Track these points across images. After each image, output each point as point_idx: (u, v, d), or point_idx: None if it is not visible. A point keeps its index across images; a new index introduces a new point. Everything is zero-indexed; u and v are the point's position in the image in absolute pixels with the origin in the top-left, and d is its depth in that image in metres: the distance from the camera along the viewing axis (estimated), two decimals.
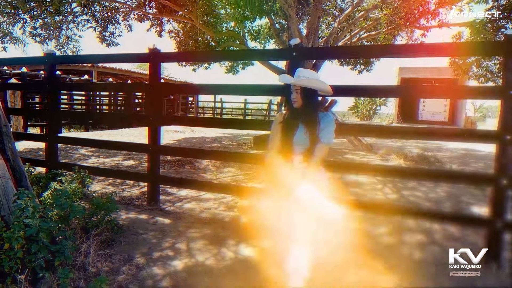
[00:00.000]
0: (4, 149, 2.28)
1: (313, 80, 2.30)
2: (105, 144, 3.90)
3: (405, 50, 2.72)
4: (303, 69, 2.39)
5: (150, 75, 3.51)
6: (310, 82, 2.28)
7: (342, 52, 3.14)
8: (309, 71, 2.36)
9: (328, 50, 3.36)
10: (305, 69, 2.41)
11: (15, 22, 7.03)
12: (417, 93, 2.53)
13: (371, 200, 3.79)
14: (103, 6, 7.67)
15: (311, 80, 2.29)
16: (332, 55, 3.28)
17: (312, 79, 2.31)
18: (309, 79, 2.30)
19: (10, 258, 1.68)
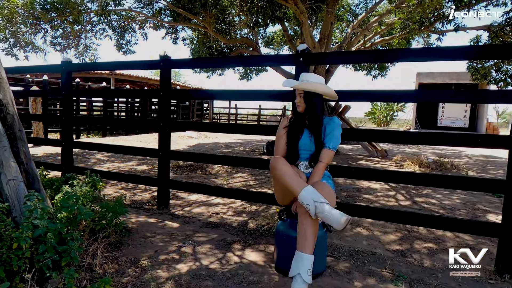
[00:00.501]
0: (18, 152, 2.38)
1: (315, 83, 2.30)
2: (117, 149, 3.99)
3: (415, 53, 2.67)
4: (307, 73, 2.40)
5: (160, 81, 3.59)
6: (312, 86, 2.28)
7: (351, 56, 3.12)
8: (313, 75, 2.37)
9: (336, 54, 3.35)
10: (310, 73, 2.42)
11: (36, 32, 7.34)
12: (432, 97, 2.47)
13: (379, 206, 3.72)
14: (120, 15, 7.91)
15: (313, 83, 2.30)
16: (341, 60, 3.26)
17: (314, 82, 2.31)
18: (311, 82, 2.31)
19: (19, 257, 1.74)
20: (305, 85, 2.30)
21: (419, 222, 2.61)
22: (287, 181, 2.05)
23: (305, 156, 2.36)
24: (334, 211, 1.90)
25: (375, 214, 2.75)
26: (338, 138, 2.33)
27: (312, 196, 1.94)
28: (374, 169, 2.79)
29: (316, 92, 2.29)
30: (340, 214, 1.88)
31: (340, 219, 1.85)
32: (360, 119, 39.35)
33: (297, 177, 2.06)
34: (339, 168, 2.83)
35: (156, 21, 8.51)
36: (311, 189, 1.98)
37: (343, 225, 1.85)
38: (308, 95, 2.32)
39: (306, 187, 1.99)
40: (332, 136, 2.30)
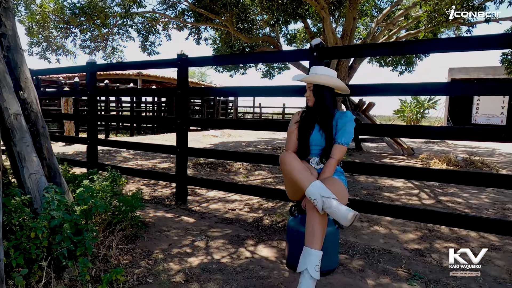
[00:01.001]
0: (41, 148, 2.51)
1: (322, 75, 2.25)
2: (138, 146, 4.12)
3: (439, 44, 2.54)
4: (317, 66, 2.36)
5: (178, 79, 3.66)
6: (319, 78, 2.24)
7: (368, 49, 3.01)
8: (323, 68, 2.32)
9: (351, 47, 3.25)
10: (320, 66, 2.37)
11: (67, 36, 7.70)
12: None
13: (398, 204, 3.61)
14: (144, 17, 8.14)
15: (320, 76, 2.25)
16: (357, 53, 3.17)
17: (321, 75, 2.26)
18: (318, 75, 2.27)
19: (37, 246, 1.84)
20: (313, 77, 2.27)
21: (439, 220, 2.49)
22: (295, 176, 2.03)
23: (316, 152, 2.32)
24: (342, 206, 1.86)
25: (391, 211, 2.66)
26: (350, 133, 2.27)
27: (320, 191, 1.91)
28: (388, 165, 2.69)
29: (325, 84, 2.25)
30: (347, 210, 1.83)
31: (347, 215, 1.81)
32: (389, 117, 38.28)
33: (306, 172, 2.04)
34: (354, 164, 2.76)
35: (179, 22, 8.68)
36: (319, 184, 1.95)
37: (350, 221, 1.81)
38: (316, 88, 2.28)
39: (314, 182, 1.96)
40: (344, 131, 2.25)
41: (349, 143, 2.29)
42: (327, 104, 2.26)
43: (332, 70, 2.37)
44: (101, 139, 4.49)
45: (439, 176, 2.51)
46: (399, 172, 2.63)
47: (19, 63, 2.57)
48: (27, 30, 7.14)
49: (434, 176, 2.52)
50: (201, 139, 12.00)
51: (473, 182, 2.37)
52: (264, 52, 2.92)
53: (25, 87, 2.54)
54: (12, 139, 2.23)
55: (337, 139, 2.24)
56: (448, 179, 2.46)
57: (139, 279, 2.05)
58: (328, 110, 2.26)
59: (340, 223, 1.87)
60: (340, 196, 2.08)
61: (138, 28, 8.39)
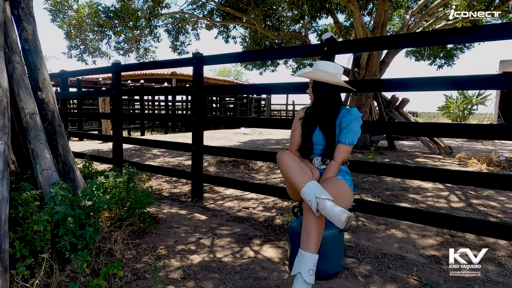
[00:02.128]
0: (57, 145, 2.65)
1: (317, 71, 2.15)
2: (156, 144, 4.24)
3: (470, 32, 2.29)
4: (320, 61, 2.26)
5: (193, 78, 3.70)
6: (314, 74, 2.15)
7: (386, 41, 2.80)
8: (326, 63, 2.22)
9: (365, 41, 3.07)
10: (323, 61, 2.27)
11: (102, 38, 8.10)
12: None
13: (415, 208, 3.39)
14: (174, 17, 8.34)
15: (314, 71, 2.16)
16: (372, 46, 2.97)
17: (318, 70, 2.16)
18: (313, 70, 2.17)
19: (41, 239, 1.94)
20: (308, 73, 2.18)
21: (458, 226, 2.28)
22: (291, 176, 1.96)
23: (319, 151, 2.23)
24: (336, 208, 1.77)
25: (404, 215, 2.49)
26: (356, 132, 2.15)
27: (314, 192, 1.83)
28: (403, 166, 2.52)
29: (321, 80, 2.15)
30: (341, 211, 1.74)
31: (341, 216, 1.72)
32: (433, 114, 36.34)
33: (302, 172, 1.96)
34: (363, 164, 2.62)
35: (207, 21, 8.80)
36: (314, 185, 1.86)
37: (343, 223, 1.72)
38: (315, 85, 2.19)
39: (309, 182, 1.88)
40: (348, 130, 2.14)
41: (354, 143, 2.17)
42: (326, 101, 2.16)
43: (338, 66, 2.26)
44: (125, 137, 4.66)
45: (459, 179, 2.30)
46: (409, 172, 2.45)
47: (38, 65, 2.72)
48: (65, 34, 7.62)
49: (454, 178, 2.31)
50: (231, 137, 12.13)
51: (505, 186, 2.14)
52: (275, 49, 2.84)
53: (43, 87, 2.69)
54: (27, 137, 2.37)
55: (340, 139, 2.14)
56: (469, 182, 2.25)
57: (138, 274, 2.10)
58: (327, 108, 2.16)
59: (335, 225, 1.78)
60: (339, 197, 1.98)
61: (168, 29, 8.62)
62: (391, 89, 2.64)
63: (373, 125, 2.88)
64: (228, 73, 47.51)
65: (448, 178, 2.31)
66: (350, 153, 2.21)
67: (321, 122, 2.16)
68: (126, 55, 8.85)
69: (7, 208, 1.87)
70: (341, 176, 2.16)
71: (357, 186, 4.57)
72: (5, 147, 1.94)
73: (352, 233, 2.92)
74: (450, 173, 2.32)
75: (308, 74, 2.23)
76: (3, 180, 1.88)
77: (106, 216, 2.61)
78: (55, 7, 6.72)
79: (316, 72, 2.18)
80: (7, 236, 1.83)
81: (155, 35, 8.27)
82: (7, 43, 2.52)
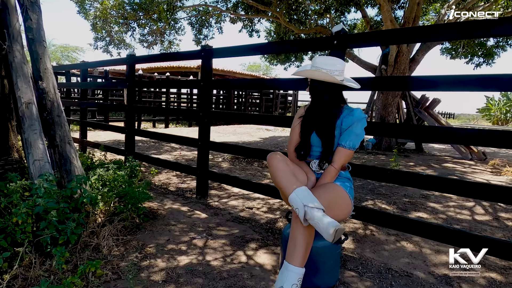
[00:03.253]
0: (54, 136, 2.63)
1: (310, 70, 1.97)
2: (163, 137, 4.18)
3: None
4: (320, 57, 2.05)
5: (201, 71, 3.59)
6: (307, 72, 1.96)
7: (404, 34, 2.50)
8: (324, 59, 2.00)
9: (379, 34, 2.79)
10: (323, 56, 2.06)
11: (127, 30, 8.20)
12: None
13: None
14: (197, 10, 8.29)
15: (306, 70, 1.97)
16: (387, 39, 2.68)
17: (309, 69, 1.97)
18: (308, 69, 1.97)
19: (22, 231, 1.90)
20: (301, 72, 2.01)
21: (474, 246, 2.02)
22: (279, 179, 1.79)
23: (317, 154, 2.04)
24: (326, 219, 1.58)
25: (414, 228, 2.24)
26: (358, 135, 1.94)
27: (302, 199, 1.65)
28: (414, 174, 2.27)
29: (313, 78, 1.96)
30: (330, 223, 1.55)
31: (329, 229, 1.54)
32: (472, 116, 34.44)
33: (292, 176, 1.79)
34: (367, 169, 2.40)
35: (230, 14, 8.68)
36: (303, 191, 1.69)
37: (331, 237, 1.53)
38: (312, 83, 2.00)
39: (299, 188, 1.70)
40: (350, 133, 1.93)
41: (356, 147, 1.96)
42: (323, 101, 1.96)
43: (339, 61, 2.03)
44: (137, 129, 4.65)
45: (480, 193, 2.02)
46: (420, 182, 2.20)
47: (41, 55, 2.71)
48: (91, 26, 7.79)
49: (473, 192, 2.03)
50: (254, 133, 12.02)
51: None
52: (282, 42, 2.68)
53: (44, 77, 2.67)
54: (22, 126, 2.36)
55: (340, 142, 1.94)
56: (491, 196, 1.98)
57: (119, 274, 2.02)
58: (322, 108, 1.96)
59: (324, 237, 1.59)
60: (334, 206, 1.80)
61: (191, 22, 8.59)
62: (419, 87, 2.30)
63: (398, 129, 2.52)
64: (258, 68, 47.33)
65: (466, 191, 2.04)
66: (351, 157, 2.00)
67: (316, 124, 1.97)
68: (150, 47, 8.92)
69: None
70: (340, 183, 1.96)
71: (373, 191, 4.30)
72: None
73: (357, 242, 2.70)
74: (469, 186, 2.05)
75: (301, 73, 2.05)
76: None
77: (100, 210, 2.55)
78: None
79: (310, 70, 1.98)
80: None
81: (174, 27, 8.24)
82: (8, 31, 2.51)
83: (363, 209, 2.45)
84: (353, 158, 6.85)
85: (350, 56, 8.47)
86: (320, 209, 1.63)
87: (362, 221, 2.70)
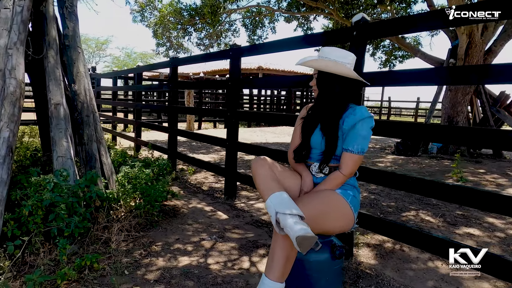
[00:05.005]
0: (82, 135, 2.82)
1: (325, 60, 1.74)
2: (197, 137, 4.27)
3: None
4: (327, 47, 1.84)
5: (230, 70, 3.57)
6: (318, 63, 1.74)
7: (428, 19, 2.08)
8: (333, 49, 1.80)
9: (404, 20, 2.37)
10: (332, 47, 1.84)
11: (184, 35, 8.61)
12: None
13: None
14: (251, 11, 8.34)
15: (321, 60, 1.74)
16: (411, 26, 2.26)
17: (323, 59, 1.75)
18: (318, 58, 1.75)
19: (34, 222, 2.06)
20: (309, 61, 1.78)
21: None
22: (258, 186, 1.66)
23: (317, 157, 1.84)
24: (297, 225, 1.39)
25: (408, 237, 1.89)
26: (365, 138, 1.68)
27: (276, 205, 1.49)
28: (440, 183, 1.90)
29: (325, 70, 1.74)
30: (298, 230, 1.36)
31: (296, 237, 1.35)
32: None
33: (271, 181, 1.63)
34: (385, 174, 2.09)
35: (282, 13, 8.55)
36: (278, 196, 1.53)
37: (297, 246, 1.35)
38: (321, 76, 1.79)
39: (275, 193, 1.55)
40: (355, 135, 1.68)
41: (365, 151, 1.70)
42: (332, 97, 1.74)
43: (351, 53, 1.81)
44: (177, 129, 4.81)
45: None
46: (445, 192, 1.84)
47: (75, 60, 2.94)
48: (153, 33, 8.37)
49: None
50: (286, 130, 11.75)
51: None
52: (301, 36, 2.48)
53: (76, 80, 2.90)
54: (50, 125, 2.58)
55: (346, 146, 1.70)
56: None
57: (117, 269, 2.07)
58: (332, 105, 1.74)
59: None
60: (325, 217, 1.60)
61: (245, 23, 8.67)
62: (498, 79, 1.70)
63: (469, 134, 1.81)
64: None
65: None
66: (360, 163, 1.75)
67: (323, 119, 1.76)
68: (207, 50, 9.24)
69: (4, 190, 2.04)
70: (340, 190, 1.74)
71: (421, 200, 3.82)
72: (9, 134, 2.11)
73: (380, 258, 2.40)
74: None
75: (310, 63, 1.84)
76: (4, 164, 2.06)
77: (119, 206, 2.67)
78: (142, 7, 7.42)
79: (321, 60, 1.77)
80: (1, 216, 2.00)
81: (229, 30, 8.40)
82: (45, 40, 2.77)
83: (368, 217, 2.16)
84: (410, 162, 6.21)
85: (413, 51, 7.70)
86: (296, 216, 1.45)
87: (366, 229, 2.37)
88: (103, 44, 35.02)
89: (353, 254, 2.44)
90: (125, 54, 35.65)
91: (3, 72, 2.21)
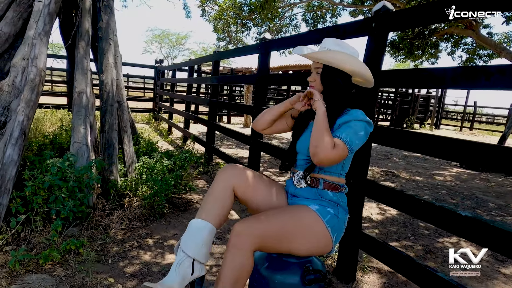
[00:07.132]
0: (104, 123, 2.96)
1: (337, 52, 1.45)
2: (224, 131, 4.25)
3: None
4: (330, 39, 1.56)
5: (258, 65, 3.42)
6: (334, 56, 1.44)
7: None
8: (338, 41, 1.52)
9: (432, 6, 1.87)
10: (333, 38, 1.56)
11: (244, 30, 8.64)
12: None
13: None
14: (312, 6, 8.00)
15: (333, 51, 1.44)
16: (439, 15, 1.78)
17: (336, 51, 1.46)
18: (332, 50, 1.46)
19: (36, 201, 2.20)
20: (320, 53, 1.48)
21: None
22: (203, 201, 1.49)
23: (303, 163, 1.60)
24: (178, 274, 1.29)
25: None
26: (356, 133, 1.37)
27: (186, 236, 1.37)
28: (449, 211, 1.52)
29: (338, 67, 1.46)
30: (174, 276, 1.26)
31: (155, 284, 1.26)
32: None
33: (214, 202, 1.43)
34: (388, 191, 1.76)
35: (344, 7, 8.02)
36: (197, 226, 1.37)
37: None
38: (327, 72, 1.49)
39: (197, 220, 1.39)
40: (347, 127, 1.39)
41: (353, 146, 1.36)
42: (337, 96, 1.49)
43: (352, 48, 1.53)
44: (213, 123, 4.82)
45: None
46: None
47: (105, 51, 3.08)
48: (213, 27, 8.54)
49: None
50: None
51: None
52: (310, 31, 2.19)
53: (105, 70, 3.04)
54: (72, 112, 2.74)
55: (336, 132, 1.42)
56: None
57: (102, 258, 2.11)
58: (335, 106, 1.49)
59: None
60: (290, 237, 1.38)
61: (305, 18, 8.36)
62: None
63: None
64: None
65: None
66: (343, 156, 1.41)
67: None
68: None
69: (14, 169, 2.21)
70: (318, 207, 1.48)
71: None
72: (24, 118, 2.28)
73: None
74: None
75: (320, 54, 1.48)
76: (16, 146, 2.23)
77: (127, 194, 2.74)
78: (202, 2, 7.61)
79: (333, 52, 1.49)
80: (8, 193, 2.17)
81: (290, 24, 8.15)
82: (78, 31, 2.95)
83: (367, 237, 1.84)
84: (477, 179, 5.35)
85: (496, 49, 6.57)
86: (190, 258, 1.30)
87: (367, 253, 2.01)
88: (183, 39, 37.32)
89: (355, 279, 2.14)
90: (201, 48, 37.53)
91: (27, 60, 2.39)
